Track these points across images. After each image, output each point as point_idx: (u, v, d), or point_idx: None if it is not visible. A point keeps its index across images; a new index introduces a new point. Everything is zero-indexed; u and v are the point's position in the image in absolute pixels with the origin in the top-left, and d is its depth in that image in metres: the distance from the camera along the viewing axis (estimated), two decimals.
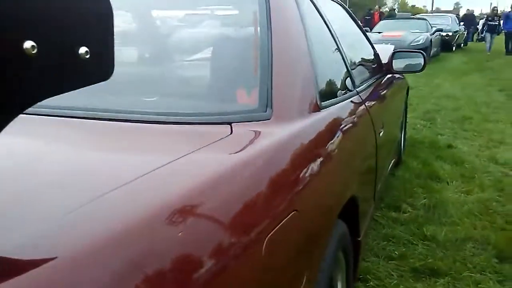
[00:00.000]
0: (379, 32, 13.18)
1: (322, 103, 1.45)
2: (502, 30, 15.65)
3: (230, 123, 1.07)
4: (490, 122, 5.47)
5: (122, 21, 1.70)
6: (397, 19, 17.46)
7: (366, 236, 2.29)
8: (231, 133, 1.03)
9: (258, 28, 1.37)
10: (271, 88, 1.20)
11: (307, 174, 1.12)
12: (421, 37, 12.90)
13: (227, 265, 0.73)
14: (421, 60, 2.88)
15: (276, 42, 1.32)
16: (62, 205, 0.68)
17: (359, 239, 1.72)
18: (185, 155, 0.87)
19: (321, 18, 1.87)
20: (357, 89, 1.98)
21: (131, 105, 1.20)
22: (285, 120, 1.18)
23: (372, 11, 21.14)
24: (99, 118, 1.10)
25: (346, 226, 1.53)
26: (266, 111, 1.15)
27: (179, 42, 1.65)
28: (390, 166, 3.05)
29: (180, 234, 0.67)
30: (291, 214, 0.96)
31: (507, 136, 4.76)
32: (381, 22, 15.91)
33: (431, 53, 13.39)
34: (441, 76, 9.81)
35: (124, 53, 1.52)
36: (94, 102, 1.18)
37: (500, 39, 15.95)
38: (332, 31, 1.92)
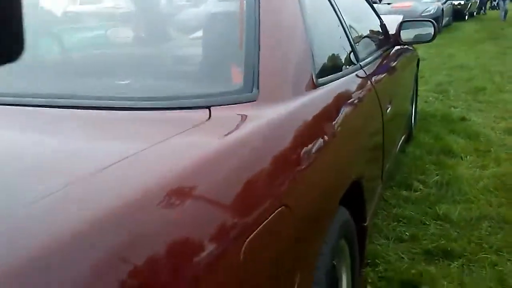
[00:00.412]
0: (389, 3, 12.82)
1: (319, 79, 1.32)
2: None
3: (208, 107, 0.95)
4: (505, 92, 5.26)
5: None
6: None
7: (375, 218, 2.18)
8: (208, 119, 0.91)
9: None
10: (258, 65, 1.07)
11: (300, 162, 1.00)
12: (432, 7, 12.52)
13: (206, 265, 0.63)
14: (431, 30, 2.71)
15: (264, 13, 1.19)
16: (35, 190, 0.64)
17: (365, 224, 1.61)
18: (147, 148, 0.75)
19: None
20: (360, 63, 1.84)
21: (101, 90, 1.08)
22: (275, 101, 1.05)
23: None
24: (65, 106, 0.98)
25: (349, 213, 1.41)
26: (252, 91, 1.03)
27: (155, 19, 1.51)
28: (401, 142, 2.91)
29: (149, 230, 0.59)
30: (279, 209, 0.84)
31: None
32: None
33: (443, 23, 13.01)
34: (454, 46, 9.51)
35: (95, 33, 1.39)
36: (62, 87, 1.06)
37: None
38: (333, 3, 1.77)
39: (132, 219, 0.60)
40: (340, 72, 1.55)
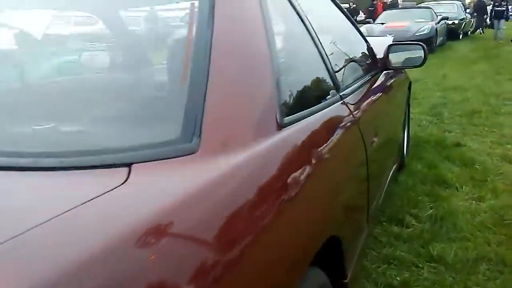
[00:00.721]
0: (382, 23, 12.76)
1: (286, 119, 1.11)
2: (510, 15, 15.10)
3: (129, 165, 0.74)
4: (501, 115, 5.09)
5: None
6: (401, 8, 17.01)
7: (362, 259, 1.96)
8: (123, 183, 0.70)
9: (195, 20, 1.02)
10: (203, 105, 0.86)
11: (249, 234, 0.79)
12: (426, 27, 12.45)
13: None
14: (421, 53, 2.53)
15: (219, 37, 0.99)
16: None
17: (345, 281, 1.40)
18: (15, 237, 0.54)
19: (291, 8, 1.53)
20: (341, 94, 1.64)
21: None
22: (222, 152, 0.85)
23: (375, 2, 20.60)
24: None
25: (325, 273, 1.21)
26: (191, 141, 0.82)
27: (68, 47, 1.30)
28: (391, 173, 2.71)
29: None
30: None
31: None
32: (384, 12, 15.45)
33: (437, 43, 12.96)
34: (448, 66, 9.40)
35: None
36: None
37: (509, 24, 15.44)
38: (308, 25, 1.57)
39: None
40: (314, 107, 1.35)
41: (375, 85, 2.31)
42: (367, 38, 2.60)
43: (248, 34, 1.11)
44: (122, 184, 0.69)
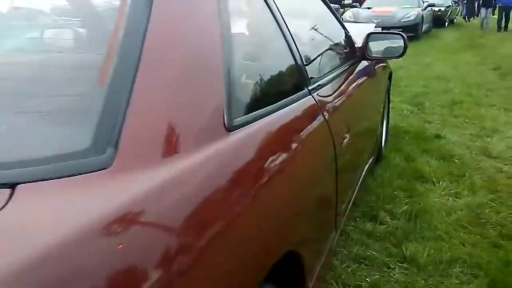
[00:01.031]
0: (369, 8, 12.60)
1: (237, 120, 0.98)
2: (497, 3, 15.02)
3: (12, 186, 0.60)
4: (482, 107, 5.02)
5: None
6: None
7: (332, 259, 1.86)
8: (2, 207, 0.56)
9: (127, 8, 0.87)
10: (126, 109, 0.73)
11: (183, 265, 0.67)
12: (412, 13, 12.32)
13: None
14: (401, 43, 2.41)
15: (155, 28, 0.84)
16: None
17: None
18: None
19: None
20: (309, 87, 1.51)
21: None
22: (145, 166, 0.71)
23: None
24: None
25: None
26: (104, 153, 0.68)
27: None
28: (367, 166, 2.61)
29: None
30: None
31: (501, 124, 4.32)
32: None
33: (423, 29, 12.86)
34: (432, 54, 9.32)
35: None
36: None
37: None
38: (274, 11, 1.43)
39: None
40: (275, 104, 1.22)
41: (351, 76, 2.19)
42: (346, 26, 2.47)
43: (192, 22, 0.97)
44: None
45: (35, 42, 1.12)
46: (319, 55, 1.87)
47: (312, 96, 1.49)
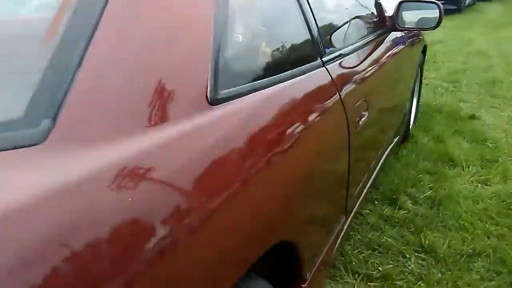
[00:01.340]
0: None
1: (224, 92, 0.85)
2: None
3: None
4: None
5: None
6: None
7: (344, 244, 1.72)
8: None
9: None
10: (76, 70, 0.60)
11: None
12: None
13: None
14: (436, 13, 2.19)
15: None
16: None
17: (303, 285, 1.17)
18: None
19: None
20: (323, 58, 1.35)
21: None
22: (90, 144, 0.59)
23: None
24: None
25: (270, 280, 0.98)
26: (38, 125, 0.56)
27: None
28: (391, 146, 2.44)
29: None
30: None
31: None
32: None
33: (466, 2, 12.19)
34: (475, 29, 8.81)
35: None
36: None
37: None
38: None
39: None
40: (278, 75, 1.07)
41: (378, 48, 2.00)
42: None
43: None
44: None
45: None
46: (340, 24, 1.70)
47: (326, 68, 1.33)
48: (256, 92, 0.95)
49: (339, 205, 1.46)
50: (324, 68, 1.32)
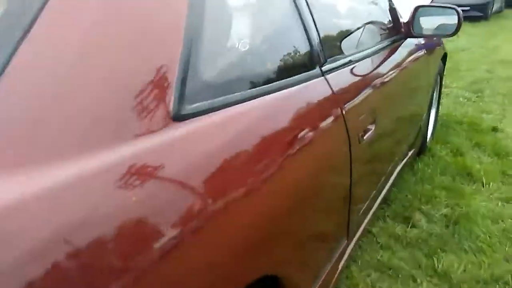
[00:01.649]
0: None
1: (192, 107, 0.74)
2: None
3: None
4: None
5: None
6: None
7: (351, 264, 1.58)
8: None
9: None
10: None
11: None
12: None
13: None
14: (454, 19, 2.05)
15: None
16: None
17: None
18: None
19: None
20: (323, 67, 1.23)
21: None
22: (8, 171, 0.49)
23: None
24: None
25: None
26: None
27: None
28: (406, 160, 2.30)
29: None
30: None
31: None
32: None
33: (493, 9, 11.87)
34: (501, 36, 8.53)
35: None
36: None
37: None
38: None
39: None
40: (264, 86, 0.96)
41: (391, 56, 1.87)
42: None
43: None
44: None
45: None
46: (347, 30, 1.57)
47: (325, 78, 1.21)
48: (236, 106, 0.83)
49: (339, 228, 1.33)
50: (323, 78, 1.20)
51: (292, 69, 1.10)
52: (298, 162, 0.96)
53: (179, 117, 0.70)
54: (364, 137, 1.37)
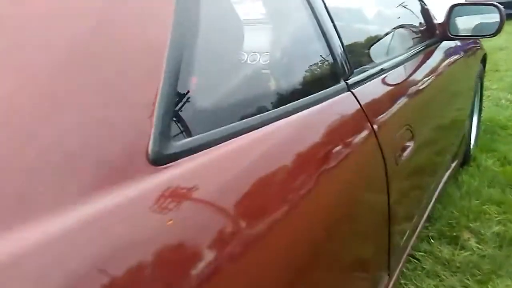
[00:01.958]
0: None
1: (180, 143, 0.59)
2: None
3: None
4: None
5: None
6: None
7: None
8: None
9: None
10: None
11: None
12: None
13: None
14: (495, 17, 1.84)
15: None
16: None
17: None
18: None
19: None
20: (349, 80, 1.06)
21: None
22: None
23: None
24: None
25: None
26: None
27: None
28: (449, 172, 2.09)
29: None
30: None
31: None
32: None
33: None
34: None
35: None
36: None
37: None
38: None
39: None
40: (277, 109, 0.80)
41: (425, 62, 1.68)
42: None
43: None
44: None
45: None
46: (374, 36, 1.41)
47: (352, 92, 1.05)
48: (234, 139, 0.67)
49: (378, 264, 1.15)
50: (349, 92, 1.04)
51: (311, 86, 0.94)
52: (319, 195, 0.80)
53: (159, 160, 0.55)
54: (402, 156, 1.19)
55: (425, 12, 1.92)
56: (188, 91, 0.63)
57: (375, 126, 1.05)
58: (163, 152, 0.55)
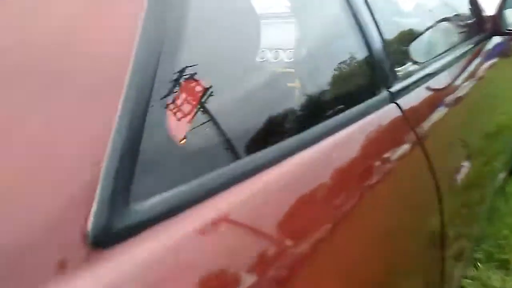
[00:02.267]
0: None
1: (145, 204, 0.40)
2: None
3: None
4: None
5: None
6: None
7: None
8: None
9: None
10: None
11: None
12: None
13: None
14: None
15: None
16: None
17: None
18: None
19: None
20: (392, 89, 0.85)
21: None
22: None
23: None
24: None
25: None
26: None
27: None
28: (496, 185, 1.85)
29: None
30: None
31: None
32: None
33: None
34: None
35: None
36: None
37: None
38: None
39: None
40: (314, 127, 0.60)
41: (475, 62, 1.45)
42: None
43: None
44: None
45: None
46: (416, 35, 1.19)
47: (397, 103, 0.83)
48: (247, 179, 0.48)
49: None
50: (393, 104, 0.83)
51: (346, 99, 0.73)
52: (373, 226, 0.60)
53: (104, 240, 0.35)
54: (458, 178, 0.98)
55: (474, 5, 1.68)
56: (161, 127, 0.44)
57: (426, 146, 0.84)
58: (113, 225, 0.36)
